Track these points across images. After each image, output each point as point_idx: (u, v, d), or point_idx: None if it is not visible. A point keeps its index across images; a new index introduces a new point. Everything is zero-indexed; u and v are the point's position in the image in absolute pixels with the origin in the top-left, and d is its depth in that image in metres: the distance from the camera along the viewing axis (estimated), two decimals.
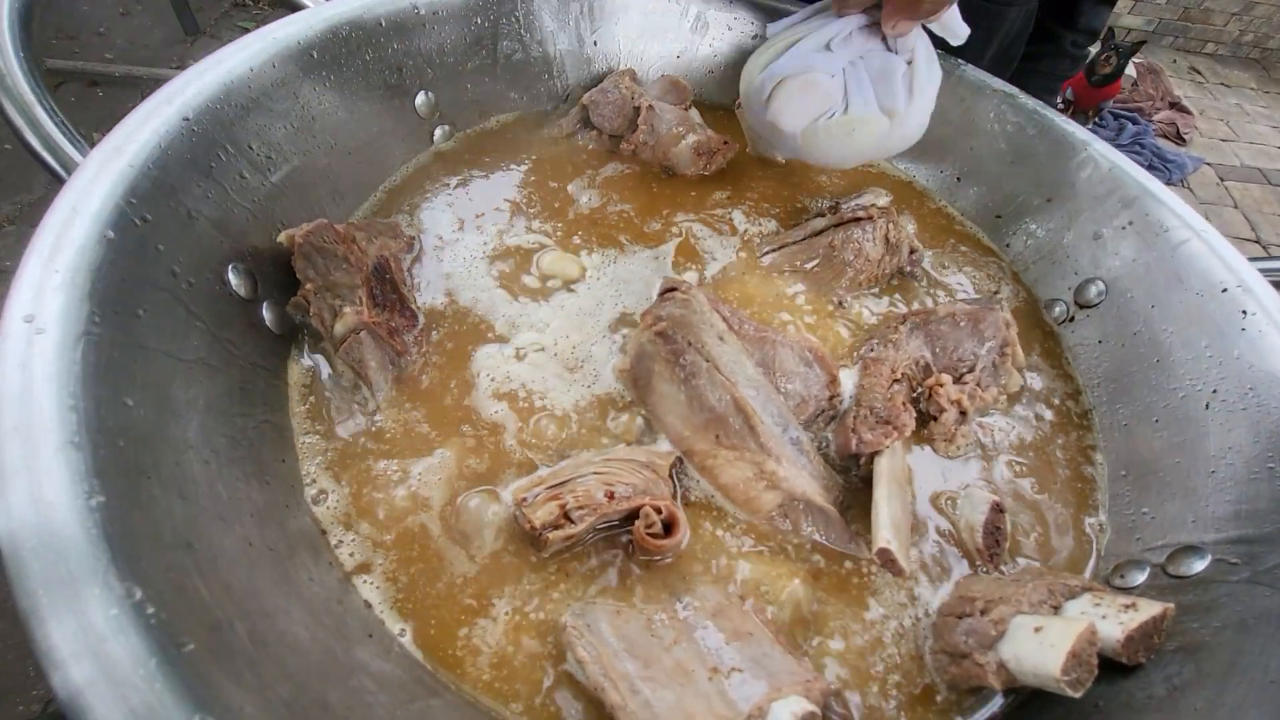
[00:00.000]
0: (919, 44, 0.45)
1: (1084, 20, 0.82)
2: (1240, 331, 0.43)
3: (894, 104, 0.45)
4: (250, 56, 0.41)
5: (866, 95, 0.45)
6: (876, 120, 0.45)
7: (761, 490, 0.39)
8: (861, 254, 0.52)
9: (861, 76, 0.45)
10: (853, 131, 0.46)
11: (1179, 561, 0.37)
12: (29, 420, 0.23)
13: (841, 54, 0.44)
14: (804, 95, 0.45)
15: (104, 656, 0.19)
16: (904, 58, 0.45)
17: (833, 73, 0.45)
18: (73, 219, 0.30)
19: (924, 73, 0.46)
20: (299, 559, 0.31)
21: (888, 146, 0.48)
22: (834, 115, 0.45)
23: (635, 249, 0.51)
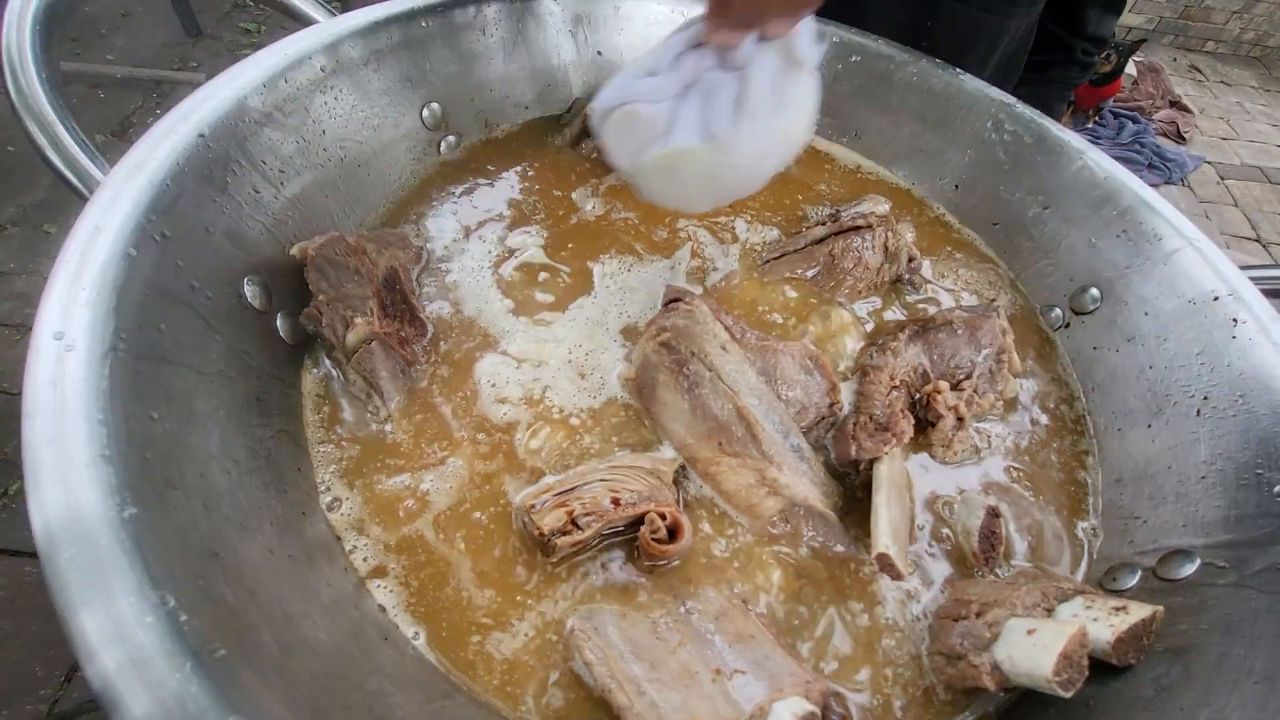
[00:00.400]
0: (759, 61, 0.37)
1: (1091, 27, 0.83)
2: (1231, 339, 0.44)
3: (720, 129, 0.36)
4: (263, 72, 0.42)
5: (688, 123, 0.37)
6: (699, 151, 0.37)
7: (763, 496, 0.40)
8: (861, 262, 0.53)
9: (690, 101, 0.38)
10: (675, 167, 0.38)
11: (1169, 565, 0.39)
12: (62, 434, 0.25)
13: (671, 78, 0.37)
14: (626, 128, 0.38)
15: (142, 662, 0.21)
16: (733, 80, 0.37)
17: (658, 100, 0.37)
18: (96, 236, 0.31)
19: (760, 92, 0.37)
20: (317, 565, 0.32)
21: (724, 183, 0.40)
22: (655, 149, 0.38)
23: (651, 258, 0.52)
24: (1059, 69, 0.86)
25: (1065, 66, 0.86)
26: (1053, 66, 0.86)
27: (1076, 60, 0.86)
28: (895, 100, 0.63)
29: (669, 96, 0.37)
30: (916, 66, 0.62)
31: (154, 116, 2.38)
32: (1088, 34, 0.83)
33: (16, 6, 0.38)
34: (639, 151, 0.39)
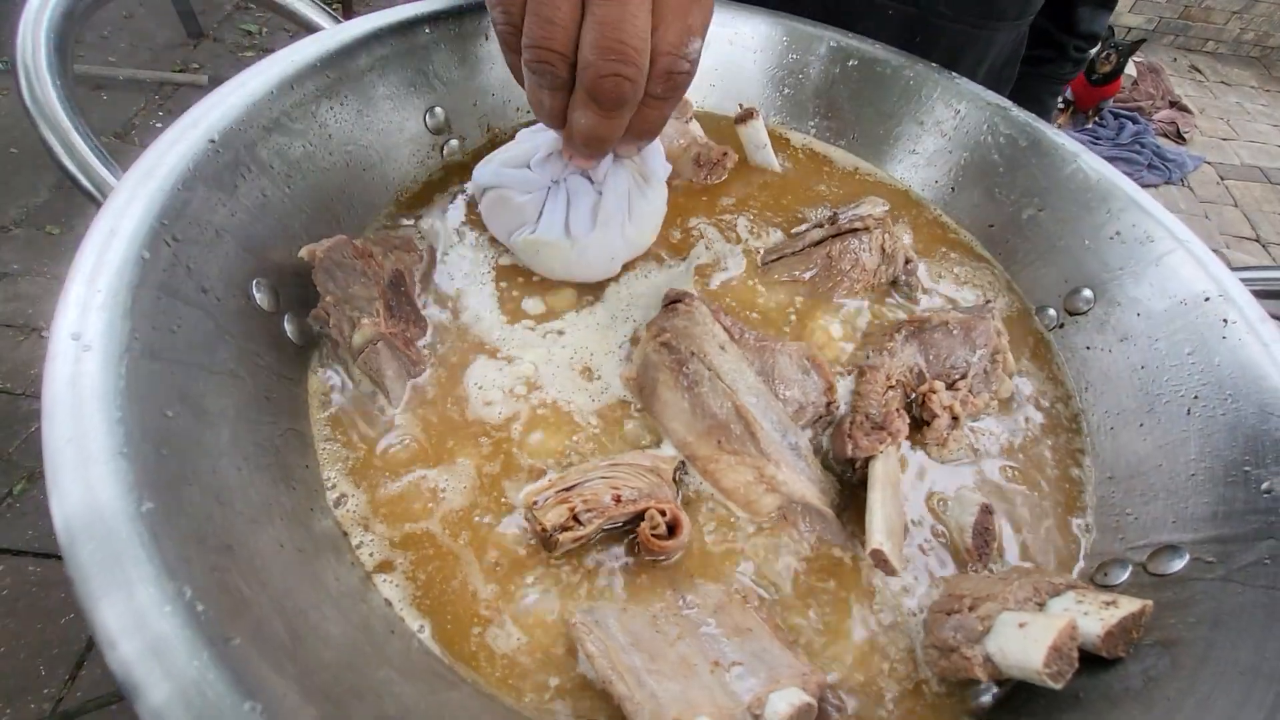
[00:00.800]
0: (612, 179, 0.45)
1: (1083, 25, 0.84)
2: (1221, 339, 0.45)
3: (578, 231, 0.45)
4: (270, 79, 0.43)
5: (553, 219, 0.45)
6: (559, 244, 0.46)
7: (762, 493, 0.41)
8: (858, 264, 0.54)
9: (560, 199, 0.46)
10: (539, 251, 0.47)
11: (1159, 560, 0.39)
12: (81, 432, 0.25)
13: (542, 173, 0.45)
14: (499, 209, 0.47)
15: (161, 650, 0.21)
16: (597, 188, 0.45)
17: (530, 190, 0.45)
18: (110, 240, 0.32)
19: (612, 206, 0.46)
20: (325, 559, 0.33)
21: (575, 272, 0.48)
22: (524, 233, 0.46)
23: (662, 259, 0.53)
24: (1051, 65, 0.87)
25: (1058, 63, 0.87)
26: (1045, 63, 0.86)
27: (1069, 57, 0.86)
28: (891, 103, 0.64)
29: (538, 188, 0.46)
30: (913, 70, 0.63)
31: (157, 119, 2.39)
32: (1080, 31, 0.84)
33: (32, 11, 0.39)
34: (510, 231, 0.48)
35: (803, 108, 0.67)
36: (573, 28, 0.33)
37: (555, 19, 0.32)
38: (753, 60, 0.66)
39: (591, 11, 0.32)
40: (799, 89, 0.66)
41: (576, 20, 0.33)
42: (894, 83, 0.63)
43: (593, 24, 0.32)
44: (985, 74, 0.76)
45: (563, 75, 0.35)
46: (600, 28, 0.32)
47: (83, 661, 1.23)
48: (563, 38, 0.33)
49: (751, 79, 0.67)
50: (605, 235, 0.46)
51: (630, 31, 0.32)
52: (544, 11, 0.33)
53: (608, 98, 0.35)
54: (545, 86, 0.36)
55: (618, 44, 0.32)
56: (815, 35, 0.64)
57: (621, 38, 0.32)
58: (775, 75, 0.66)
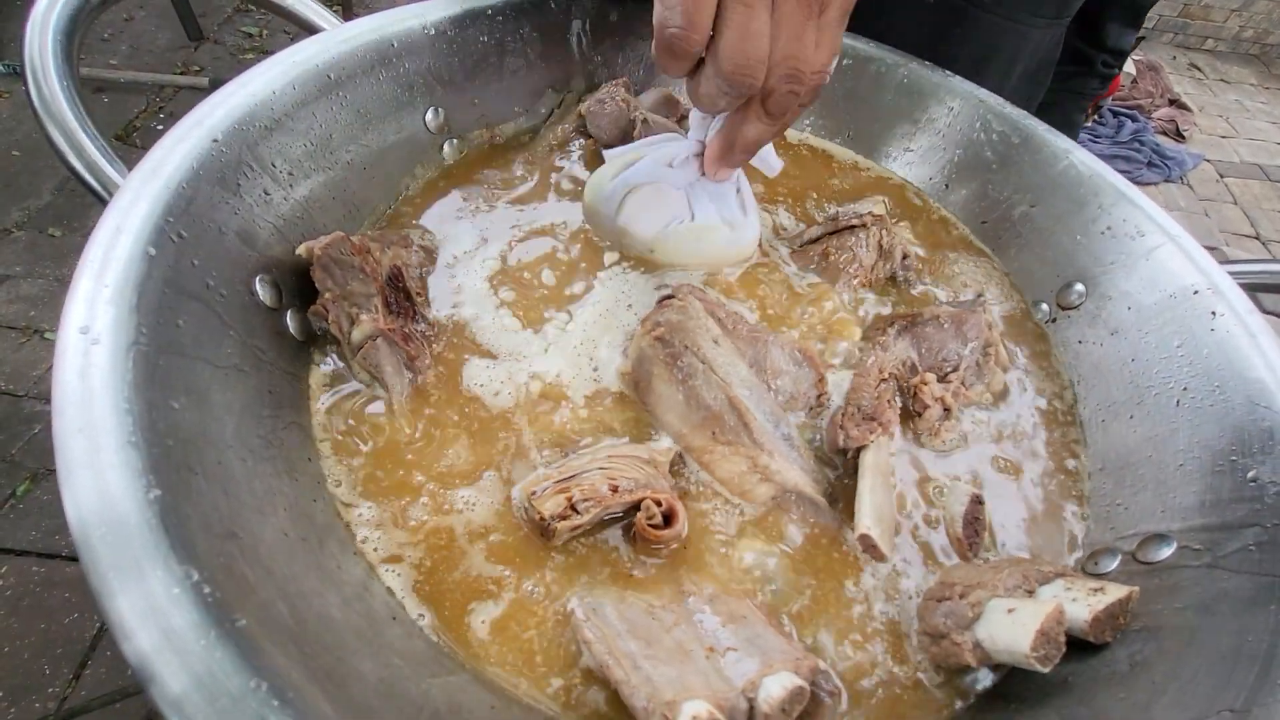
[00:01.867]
0: (740, 175, 0.52)
1: (1111, 40, 0.85)
2: (1210, 332, 0.45)
3: (733, 217, 0.51)
4: (272, 79, 0.44)
5: (708, 209, 0.51)
6: (720, 229, 0.51)
7: (756, 483, 0.42)
8: (855, 260, 0.55)
9: (701, 195, 0.51)
10: (700, 238, 0.51)
11: (1148, 549, 0.40)
12: (91, 422, 0.26)
13: (682, 173, 0.50)
14: (656, 202, 0.51)
15: (169, 630, 0.22)
16: (732, 185, 0.52)
17: (678, 187, 0.50)
18: (117, 237, 0.32)
19: (749, 196, 0.53)
20: (328, 548, 0.34)
21: (730, 254, 0.53)
22: (683, 223, 0.51)
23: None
24: (1078, 80, 0.89)
25: (1087, 79, 0.88)
26: (1074, 78, 0.88)
27: (1098, 73, 0.88)
28: (887, 101, 0.65)
29: (683, 185, 0.51)
30: (907, 69, 0.63)
31: (158, 121, 2.40)
32: (1109, 47, 0.86)
33: (40, 13, 0.39)
34: (665, 222, 0.51)
35: None
36: (769, 46, 0.37)
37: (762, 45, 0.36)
38: None
39: (777, 42, 0.36)
40: None
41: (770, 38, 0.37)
42: (888, 80, 0.64)
43: (780, 54, 0.37)
44: (1020, 75, 0.76)
45: (758, 88, 0.38)
46: (786, 59, 0.37)
47: (86, 660, 1.24)
48: (764, 55, 0.37)
49: None
50: (754, 219, 0.53)
51: (806, 62, 0.37)
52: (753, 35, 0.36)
53: (779, 111, 0.40)
54: (733, 96, 0.39)
55: (798, 72, 0.37)
56: None
57: (800, 66, 0.37)
58: None
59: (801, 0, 0.35)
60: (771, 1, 0.36)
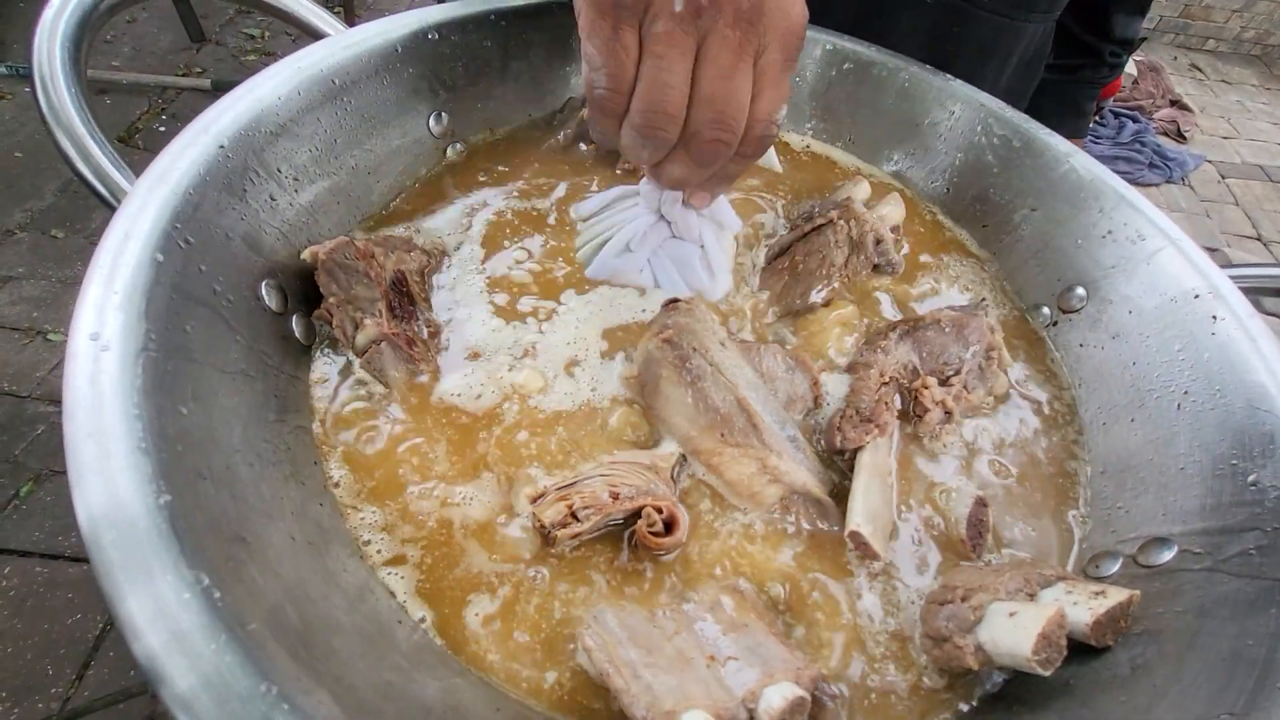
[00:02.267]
0: (703, 229, 0.51)
1: (1119, 30, 0.85)
2: (1210, 335, 0.45)
3: (700, 284, 0.52)
4: (278, 85, 0.44)
5: (674, 279, 0.52)
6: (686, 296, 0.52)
7: (765, 484, 0.42)
8: (827, 261, 0.54)
9: (665, 264, 0.52)
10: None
11: (1149, 552, 0.40)
12: (101, 428, 0.26)
13: (642, 252, 0.50)
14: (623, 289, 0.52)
15: (180, 633, 0.22)
16: (695, 244, 0.51)
17: (640, 268, 0.51)
18: (126, 244, 0.33)
19: (716, 251, 0.53)
20: (333, 552, 0.34)
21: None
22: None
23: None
24: (1088, 71, 0.89)
25: (1094, 69, 0.89)
26: (1083, 69, 0.88)
27: (1106, 63, 0.88)
28: (887, 105, 0.65)
29: (644, 264, 0.52)
30: (907, 72, 0.63)
31: (160, 122, 2.40)
32: (1115, 37, 0.85)
33: (49, 19, 0.40)
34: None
35: (799, 110, 0.68)
36: (686, 98, 0.35)
37: (671, 95, 0.35)
38: None
39: (700, 86, 0.35)
40: (796, 91, 0.67)
41: (688, 91, 0.35)
42: (889, 85, 0.64)
43: (702, 98, 0.35)
44: (1015, 66, 0.76)
45: (673, 139, 0.37)
46: (710, 103, 0.35)
47: (89, 661, 1.24)
48: (677, 107, 0.35)
49: None
50: (723, 276, 0.53)
51: (735, 105, 0.35)
52: (660, 86, 0.35)
53: (706, 159, 0.38)
54: (653, 148, 0.38)
55: (724, 117, 0.35)
56: (811, 38, 0.65)
57: (727, 111, 0.35)
58: None
59: (729, 41, 0.34)
60: (696, 49, 0.34)
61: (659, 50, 0.34)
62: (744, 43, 0.34)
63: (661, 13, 0.33)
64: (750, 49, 0.35)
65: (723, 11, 0.33)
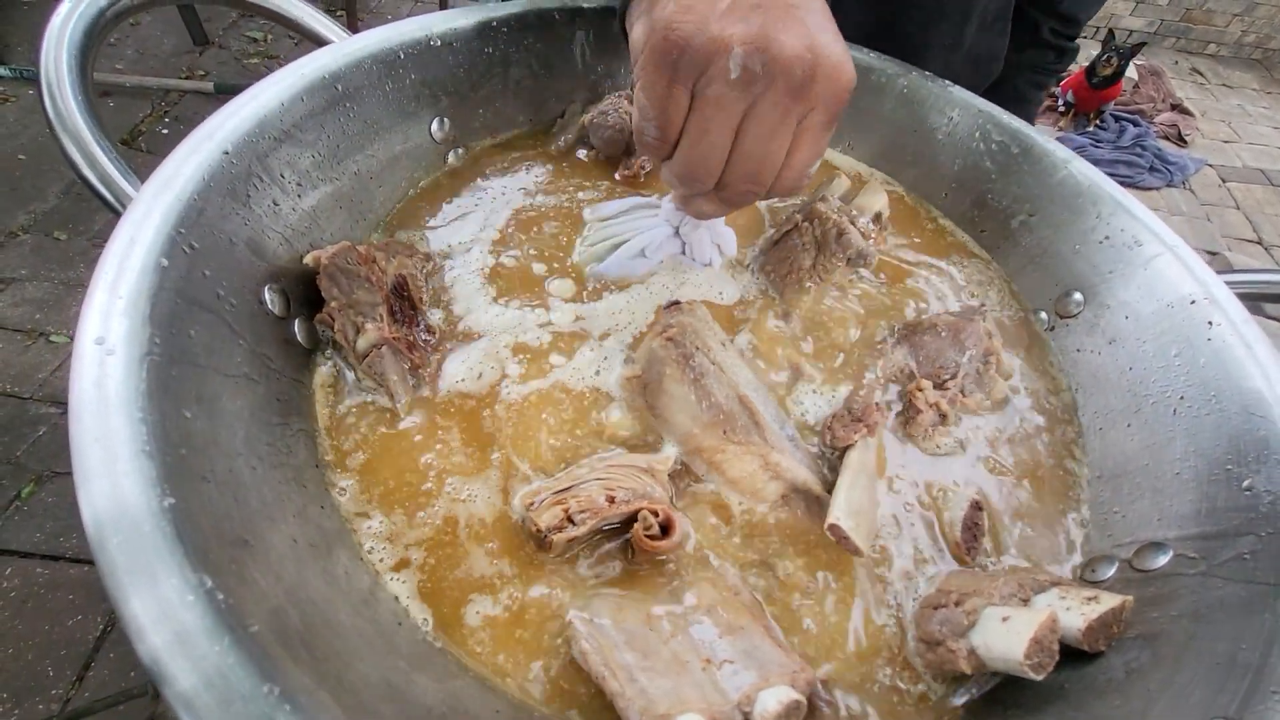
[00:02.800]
0: (714, 258, 0.54)
1: (1063, 4, 0.75)
2: (1206, 341, 0.46)
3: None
4: (282, 91, 0.44)
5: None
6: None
7: (766, 481, 0.42)
8: (796, 266, 0.54)
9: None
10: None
11: (1144, 557, 0.40)
12: (106, 431, 0.27)
13: (654, 259, 0.53)
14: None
15: (183, 635, 0.23)
16: (702, 263, 0.54)
17: (654, 271, 0.53)
18: (131, 249, 0.33)
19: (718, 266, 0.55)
20: (335, 555, 0.34)
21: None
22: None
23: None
24: (1032, 52, 0.79)
25: (1038, 50, 0.79)
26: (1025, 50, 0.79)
27: (1046, 42, 0.78)
28: (886, 111, 0.65)
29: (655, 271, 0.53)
30: (906, 79, 0.64)
31: (163, 125, 2.41)
32: (1060, 10, 0.75)
33: (57, 26, 0.40)
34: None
35: None
36: (725, 156, 0.37)
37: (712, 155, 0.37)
38: None
39: (741, 142, 0.36)
40: None
41: (729, 149, 0.37)
42: (888, 91, 0.65)
43: (742, 154, 0.37)
44: (976, 27, 0.71)
45: (708, 188, 0.40)
46: (748, 159, 0.37)
47: (90, 662, 1.25)
48: (717, 165, 0.38)
49: None
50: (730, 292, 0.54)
51: (771, 163, 0.37)
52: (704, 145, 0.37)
53: (734, 203, 0.41)
54: (687, 190, 0.41)
55: (759, 173, 0.38)
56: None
57: (763, 168, 0.37)
58: None
59: (778, 107, 0.35)
60: (744, 110, 0.35)
61: (708, 113, 0.35)
62: (790, 109, 0.35)
63: (716, 77, 0.34)
64: (796, 114, 0.36)
65: (775, 82, 0.34)
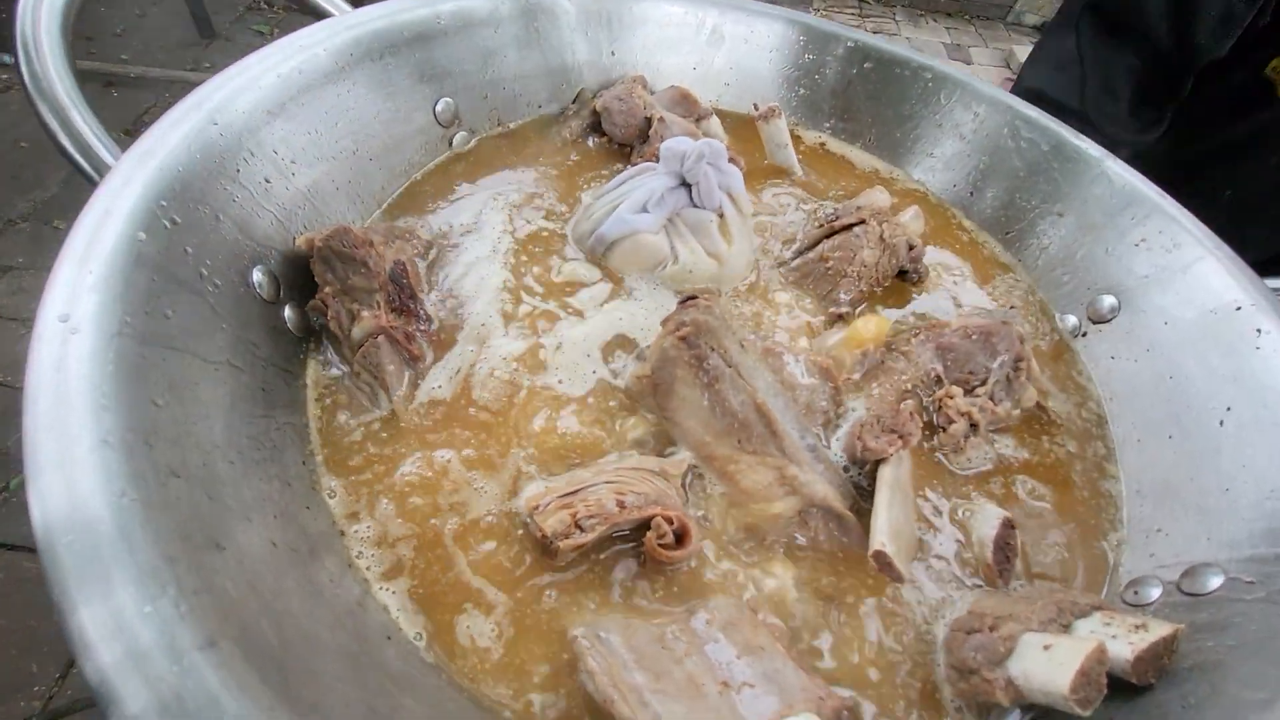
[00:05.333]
0: (723, 200, 0.51)
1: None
2: (1255, 350, 0.43)
3: (717, 249, 0.51)
4: (277, 63, 0.42)
5: (692, 245, 0.50)
6: (707, 263, 0.51)
7: (782, 495, 0.39)
8: (857, 259, 0.52)
9: (682, 230, 0.51)
10: (690, 274, 0.51)
11: (1194, 579, 0.37)
12: (64, 419, 0.24)
13: (658, 213, 0.49)
14: (635, 254, 0.50)
15: (137, 651, 0.20)
16: (713, 211, 0.51)
17: (655, 231, 0.50)
18: (105, 220, 0.30)
19: (735, 221, 0.52)
20: (320, 561, 0.31)
21: (726, 282, 0.52)
22: (668, 267, 0.50)
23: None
24: None
25: None
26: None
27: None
28: (909, 105, 0.63)
29: (660, 227, 0.50)
30: (931, 72, 0.61)
31: None
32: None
33: None
34: (654, 267, 0.51)
35: (818, 108, 0.66)
36: None
37: None
38: (768, 60, 0.65)
39: None
40: (815, 89, 0.65)
41: None
42: (912, 84, 0.62)
43: None
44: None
45: None
46: None
47: (74, 660, 1.21)
48: None
49: (766, 79, 0.65)
50: (741, 245, 0.52)
51: None
52: None
53: None
54: None
55: None
56: (832, 35, 0.63)
57: None
58: (791, 75, 0.65)
59: None
60: None
61: None
62: None
63: None
64: None
65: None
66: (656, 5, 0.61)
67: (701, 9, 0.62)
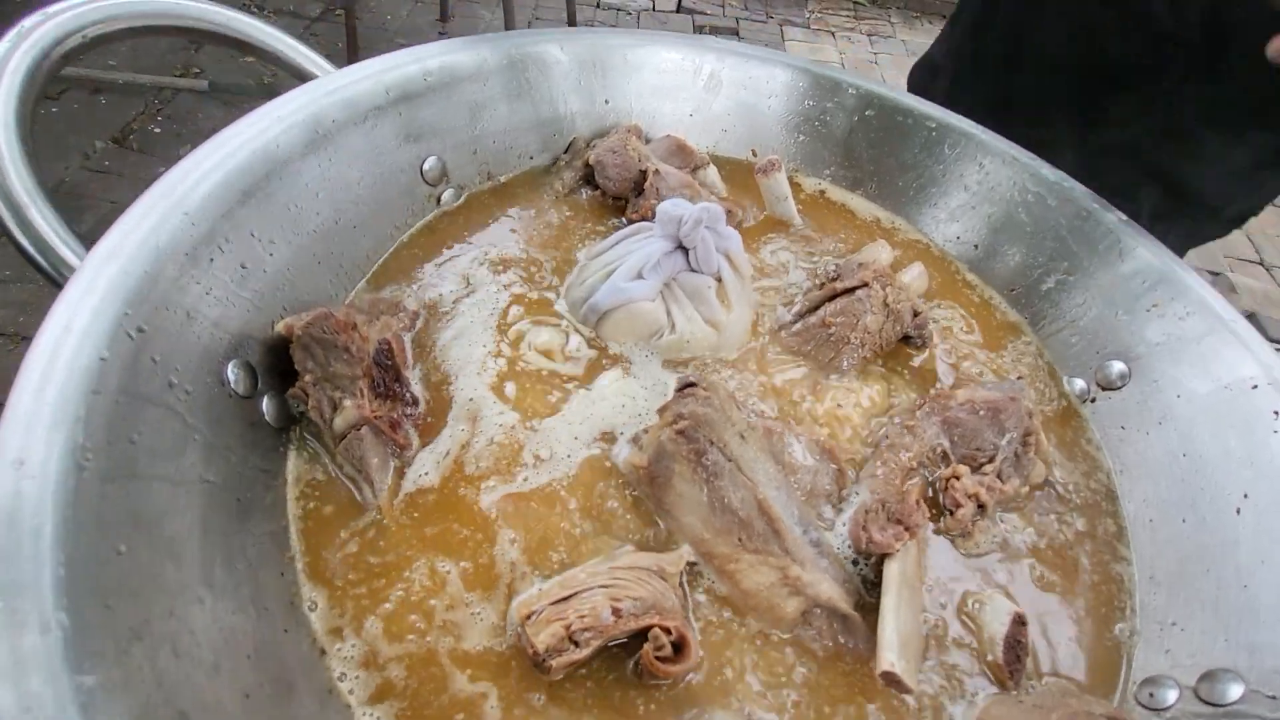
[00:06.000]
0: (722, 264, 0.49)
1: None
2: (1272, 433, 0.41)
3: (715, 317, 0.49)
4: (253, 138, 0.40)
5: (689, 313, 0.49)
6: (705, 332, 0.49)
7: (785, 597, 0.38)
8: (860, 326, 0.50)
9: (679, 296, 0.49)
10: (687, 344, 0.49)
11: (1212, 686, 0.36)
12: (17, 586, 0.22)
13: (654, 279, 0.47)
14: (630, 323, 0.48)
15: None
16: (710, 275, 0.49)
17: (651, 298, 0.48)
18: (64, 340, 0.28)
19: (735, 287, 0.50)
20: (299, 698, 0.30)
21: (724, 351, 0.51)
22: (665, 336, 0.48)
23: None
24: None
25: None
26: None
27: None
28: (912, 154, 0.61)
29: (656, 293, 0.48)
30: (935, 122, 0.60)
31: (155, 124, 2.34)
32: None
33: None
34: (649, 337, 0.49)
35: (818, 155, 0.64)
36: None
37: None
38: (768, 106, 0.63)
39: None
40: (815, 136, 0.63)
41: None
42: (915, 133, 0.60)
43: None
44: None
45: None
46: None
47: None
48: None
49: (766, 124, 0.64)
50: (741, 310, 0.51)
51: None
52: None
53: None
54: None
55: None
56: (835, 81, 0.61)
57: None
58: (791, 121, 0.63)
59: None
60: None
61: None
62: None
63: None
64: None
65: None
66: (653, 51, 0.59)
67: (699, 54, 0.60)
